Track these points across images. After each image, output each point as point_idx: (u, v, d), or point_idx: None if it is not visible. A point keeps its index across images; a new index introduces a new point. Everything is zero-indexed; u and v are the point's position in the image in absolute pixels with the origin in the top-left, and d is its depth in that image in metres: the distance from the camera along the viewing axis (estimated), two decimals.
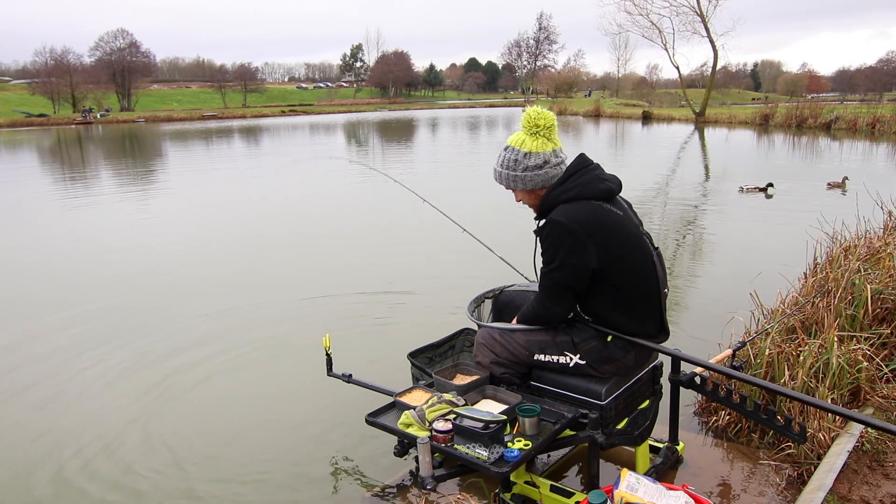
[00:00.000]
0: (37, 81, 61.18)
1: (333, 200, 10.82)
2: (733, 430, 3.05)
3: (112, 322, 4.99)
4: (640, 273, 2.34)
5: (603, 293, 2.34)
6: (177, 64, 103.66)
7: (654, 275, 2.37)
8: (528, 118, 2.37)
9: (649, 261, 2.36)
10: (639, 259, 2.33)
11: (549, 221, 2.29)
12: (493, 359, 2.55)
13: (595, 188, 2.30)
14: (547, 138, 2.36)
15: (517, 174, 2.37)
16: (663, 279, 2.43)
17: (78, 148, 26.55)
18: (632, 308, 2.36)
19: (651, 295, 2.38)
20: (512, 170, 2.38)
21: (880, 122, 22.77)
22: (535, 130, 2.36)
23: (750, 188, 10.44)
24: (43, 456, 3.14)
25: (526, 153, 2.35)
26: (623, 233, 2.31)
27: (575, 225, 2.23)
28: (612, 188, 2.34)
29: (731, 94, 77.71)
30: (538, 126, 2.36)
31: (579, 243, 2.23)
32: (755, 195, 10.13)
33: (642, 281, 2.35)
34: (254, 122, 48.21)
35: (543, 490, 2.47)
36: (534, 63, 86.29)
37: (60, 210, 10.54)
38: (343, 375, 3.10)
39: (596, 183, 2.31)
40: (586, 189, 2.29)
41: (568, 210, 2.27)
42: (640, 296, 2.35)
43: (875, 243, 4.32)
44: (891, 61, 75.49)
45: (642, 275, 2.34)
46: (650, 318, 2.40)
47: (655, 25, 33.80)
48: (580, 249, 2.24)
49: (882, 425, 2.04)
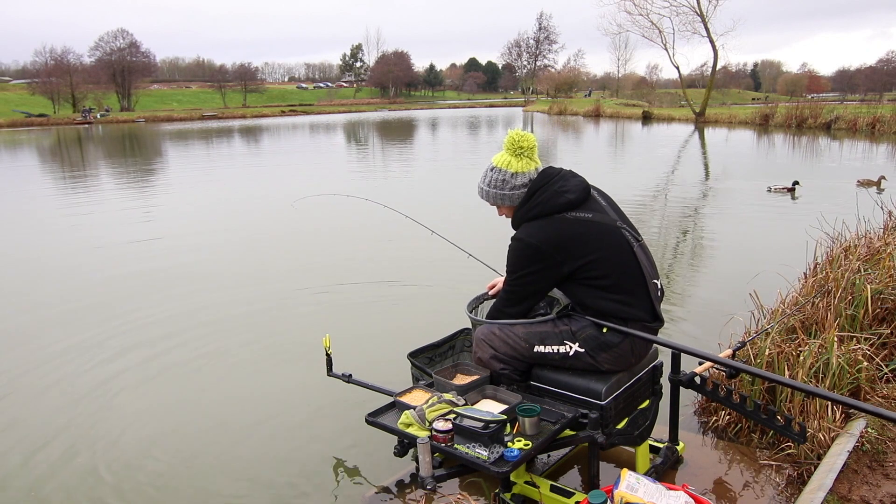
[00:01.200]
0: (37, 81, 61.21)
1: (334, 200, 10.80)
2: (733, 430, 3.05)
3: (111, 321, 4.99)
4: (620, 267, 2.41)
5: (589, 286, 2.42)
6: (177, 64, 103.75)
7: (636, 266, 2.43)
8: (512, 140, 2.51)
9: (628, 252, 2.43)
10: (615, 254, 2.41)
11: (514, 239, 2.46)
12: (493, 354, 2.56)
13: (556, 203, 2.41)
14: (530, 158, 2.52)
15: (505, 193, 2.52)
16: (650, 270, 2.48)
17: (78, 148, 26.56)
18: (621, 295, 2.42)
19: (637, 286, 2.43)
20: (500, 189, 2.53)
21: (880, 122, 22.78)
22: (519, 151, 2.51)
23: (778, 188, 10.32)
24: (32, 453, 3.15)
25: (513, 173, 2.50)
26: (591, 235, 2.40)
27: (534, 241, 2.39)
28: (573, 199, 2.41)
29: (731, 94, 77.82)
30: (522, 147, 2.50)
31: (538, 256, 2.39)
32: (783, 195, 10.00)
33: (624, 273, 2.41)
34: (254, 122, 48.23)
35: (543, 490, 2.48)
36: (534, 63, 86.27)
37: (59, 207, 10.54)
38: (343, 375, 3.11)
39: (556, 198, 2.41)
40: (547, 206, 2.41)
41: (531, 228, 2.43)
42: (626, 286, 2.42)
43: (875, 243, 4.32)
44: (891, 61, 75.55)
45: (623, 268, 2.41)
46: (641, 306, 2.44)
47: (655, 25, 33.85)
48: (538, 262, 2.40)
49: (885, 413, 2.01)
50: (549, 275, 2.42)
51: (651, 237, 7.37)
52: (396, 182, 13.31)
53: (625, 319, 2.41)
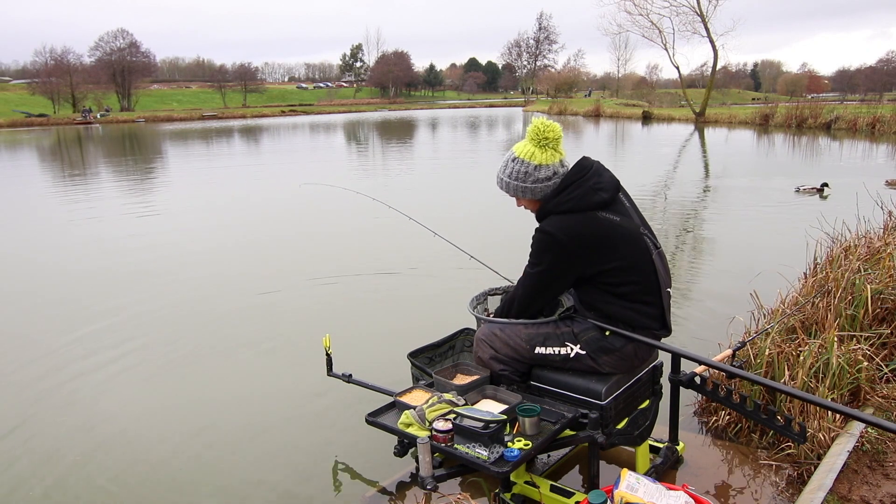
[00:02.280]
0: (37, 81, 61.19)
1: (336, 201, 10.81)
2: (733, 430, 3.05)
3: (109, 319, 4.99)
4: (638, 273, 2.36)
5: (602, 290, 2.38)
6: (177, 64, 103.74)
7: (653, 274, 2.39)
8: (537, 130, 2.37)
9: (648, 261, 2.38)
10: (637, 260, 2.36)
11: (540, 230, 2.36)
12: (493, 354, 2.55)
13: (589, 201, 2.32)
14: (554, 150, 2.40)
15: (527, 185, 2.40)
16: (665, 278, 2.44)
17: (78, 148, 26.55)
18: (633, 305, 2.38)
19: (652, 293, 2.40)
20: (522, 181, 2.40)
21: (880, 122, 22.79)
22: (543, 142, 2.38)
23: (806, 189, 10.20)
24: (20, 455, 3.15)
25: (536, 165, 2.37)
26: (618, 239, 2.33)
27: (564, 237, 2.29)
28: (607, 198, 2.34)
29: (731, 94, 77.80)
30: (547, 138, 2.37)
31: (566, 253, 2.31)
32: (811, 196, 9.88)
33: (641, 279, 2.37)
34: (254, 121, 48.21)
35: (543, 490, 2.48)
36: (534, 63, 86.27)
37: (61, 204, 10.54)
38: (343, 375, 3.11)
39: (590, 196, 2.32)
40: (581, 202, 2.31)
41: (560, 222, 2.32)
42: (640, 293, 2.38)
43: (875, 243, 4.32)
44: (891, 61, 75.54)
45: (641, 274, 2.37)
46: (652, 315, 2.42)
47: (655, 25, 33.86)
48: (565, 258, 2.32)
49: (882, 423, 2.03)
50: (572, 272, 2.35)
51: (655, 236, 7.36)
52: (397, 182, 13.31)
53: (633, 326, 2.39)
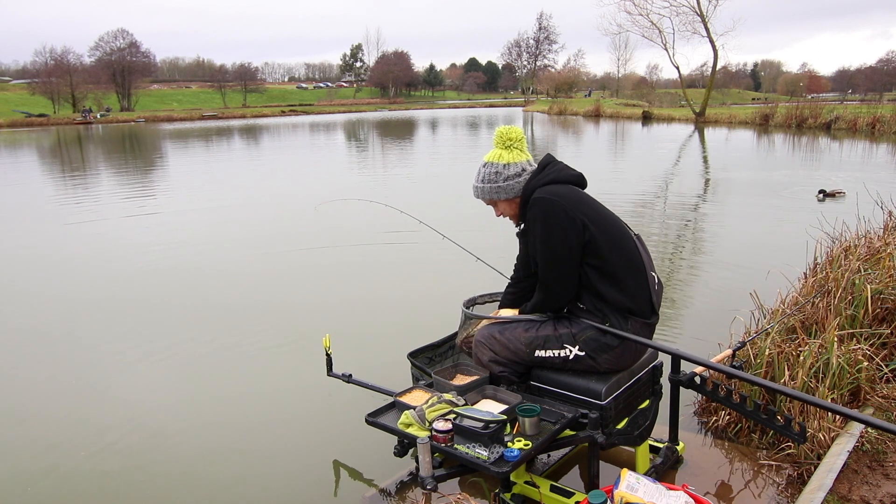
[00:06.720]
0: (37, 81, 61.22)
1: (338, 200, 10.81)
2: (733, 430, 3.05)
3: (108, 319, 5.00)
4: (623, 248, 2.42)
5: (592, 267, 2.40)
6: (177, 64, 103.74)
7: (637, 253, 2.46)
8: (501, 135, 2.56)
9: (629, 239, 2.47)
10: (619, 234, 2.44)
11: (534, 200, 2.41)
12: (492, 357, 2.55)
13: (568, 174, 2.50)
14: (520, 150, 2.55)
15: (499, 185, 2.51)
16: (648, 262, 2.50)
17: (78, 148, 26.55)
18: (622, 283, 2.40)
19: (638, 272, 2.44)
20: (493, 182, 2.52)
21: (880, 122, 22.78)
22: (508, 144, 2.54)
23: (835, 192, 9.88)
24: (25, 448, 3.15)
25: (505, 164, 2.52)
26: (601, 211, 2.46)
27: (557, 198, 2.38)
28: (580, 175, 2.52)
29: (731, 94, 77.81)
30: (511, 139, 2.54)
31: (566, 213, 2.37)
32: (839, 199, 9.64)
33: (626, 256, 2.42)
34: (254, 121, 48.23)
35: (543, 490, 2.48)
36: (534, 63, 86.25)
37: (62, 205, 10.54)
38: (343, 375, 3.11)
39: (568, 170, 2.52)
40: (561, 175, 2.48)
41: (550, 189, 2.43)
42: (628, 271, 2.41)
43: (875, 243, 4.32)
44: (891, 61, 75.57)
45: (626, 251, 2.43)
46: (640, 296, 2.44)
47: (655, 25, 33.84)
48: (568, 219, 2.36)
49: (883, 425, 2.03)
50: (576, 233, 2.36)
51: (652, 237, 7.37)
52: (397, 182, 13.31)
53: (624, 313, 2.40)
